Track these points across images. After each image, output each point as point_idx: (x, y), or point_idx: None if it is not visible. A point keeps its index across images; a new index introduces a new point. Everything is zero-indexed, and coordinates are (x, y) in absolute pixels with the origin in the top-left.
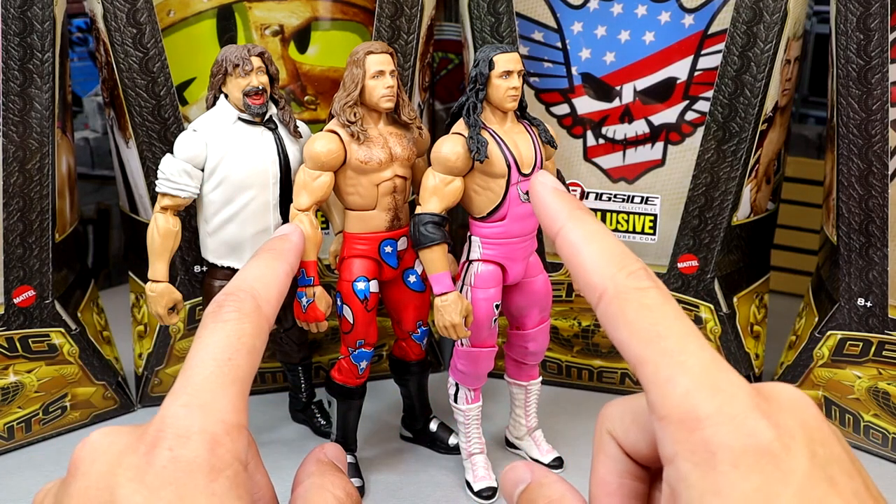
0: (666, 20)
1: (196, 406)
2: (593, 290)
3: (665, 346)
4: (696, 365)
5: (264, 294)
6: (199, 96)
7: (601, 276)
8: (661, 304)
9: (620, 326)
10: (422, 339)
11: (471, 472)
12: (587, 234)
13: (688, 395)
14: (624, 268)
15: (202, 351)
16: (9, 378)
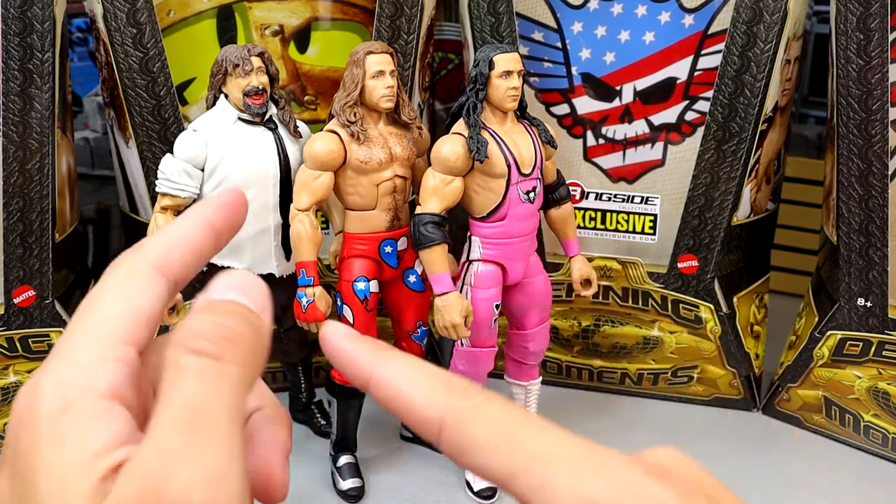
0: (666, 20)
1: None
2: (430, 425)
3: (529, 449)
4: (568, 452)
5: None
6: (199, 96)
7: (433, 407)
8: (504, 413)
9: (475, 452)
10: (422, 339)
11: (471, 472)
12: (401, 367)
13: (575, 485)
14: (452, 390)
15: None
16: (9, 378)
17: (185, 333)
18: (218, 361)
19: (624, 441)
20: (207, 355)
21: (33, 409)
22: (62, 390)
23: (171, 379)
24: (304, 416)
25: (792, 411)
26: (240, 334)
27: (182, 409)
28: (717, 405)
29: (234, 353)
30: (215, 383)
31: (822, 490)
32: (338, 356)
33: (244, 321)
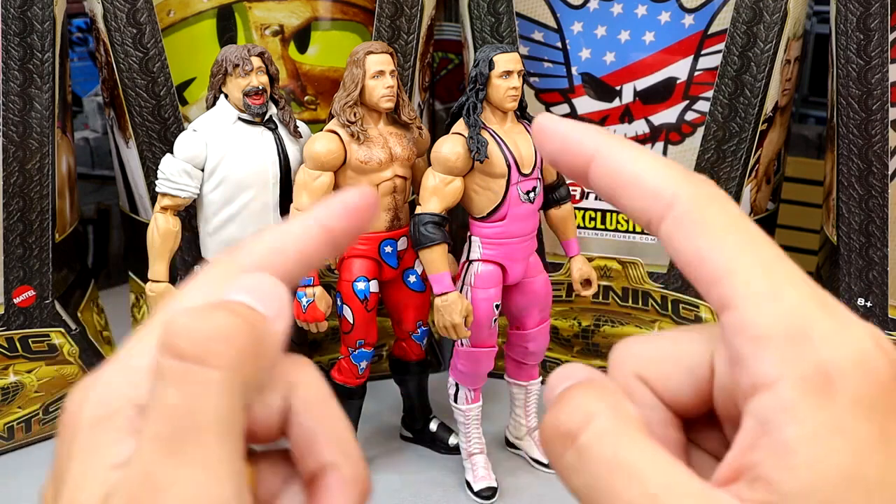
0: (666, 20)
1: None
2: (658, 197)
3: (764, 256)
4: (802, 281)
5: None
6: (199, 96)
7: (669, 182)
8: (746, 217)
9: (700, 234)
10: (422, 339)
11: (471, 472)
12: (632, 144)
13: (798, 307)
14: (690, 174)
15: None
16: (9, 378)
17: (165, 333)
18: (200, 365)
19: None
20: (188, 358)
21: (78, 414)
22: (108, 397)
23: (153, 388)
24: None
25: None
26: (232, 334)
27: (162, 424)
28: None
29: (221, 356)
30: (197, 391)
31: None
32: (555, 139)
33: (241, 321)
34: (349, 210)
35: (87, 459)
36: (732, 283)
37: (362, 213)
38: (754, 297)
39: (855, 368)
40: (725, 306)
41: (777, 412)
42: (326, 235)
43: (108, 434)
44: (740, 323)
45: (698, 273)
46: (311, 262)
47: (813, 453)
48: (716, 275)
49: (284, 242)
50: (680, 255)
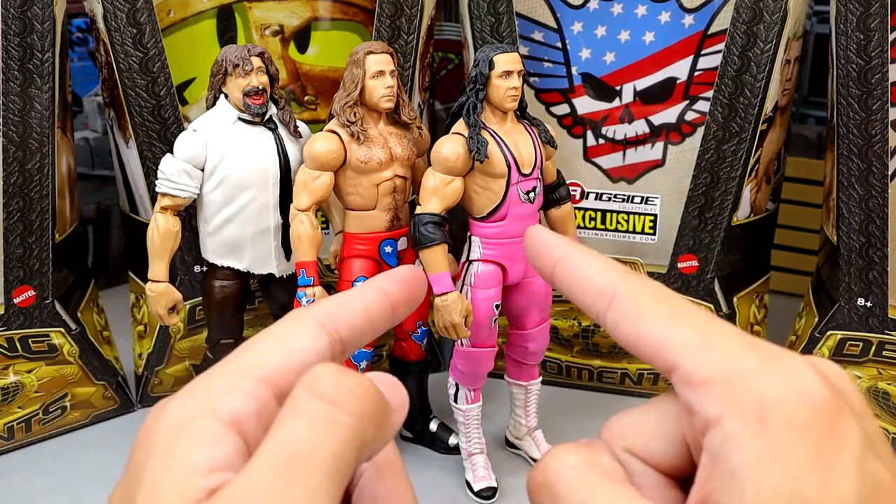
0: (666, 20)
1: None
2: (602, 293)
3: (691, 320)
4: (728, 331)
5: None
6: (199, 96)
7: (609, 279)
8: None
9: (638, 317)
10: (422, 339)
11: (471, 472)
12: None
13: (728, 353)
14: (629, 272)
15: None
16: (9, 378)
17: (311, 375)
18: (334, 407)
19: None
20: (325, 399)
21: (157, 422)
22: (186, 407)
23: (283, 415)
24: None
25: None
26: (367, 397)
27: (282, 448)
28: None
29: (354, 406)
30: (324, 429)
31: None
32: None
33: (376, 391)
34: (402, 280)
35: (165, 462)
36: (670, 347)
37: (414, 284)
38: (690, 353)
39: (786, 395)
40: (670, 369)
41: (723, 443)
42: (386, 299)
43: (187, 438)
44: (685, 378)
45: (643, 350)
46: (375, 321)
47: (755, 476)
48: (656, 346)
49: (352, 300)
50: (625, 338)
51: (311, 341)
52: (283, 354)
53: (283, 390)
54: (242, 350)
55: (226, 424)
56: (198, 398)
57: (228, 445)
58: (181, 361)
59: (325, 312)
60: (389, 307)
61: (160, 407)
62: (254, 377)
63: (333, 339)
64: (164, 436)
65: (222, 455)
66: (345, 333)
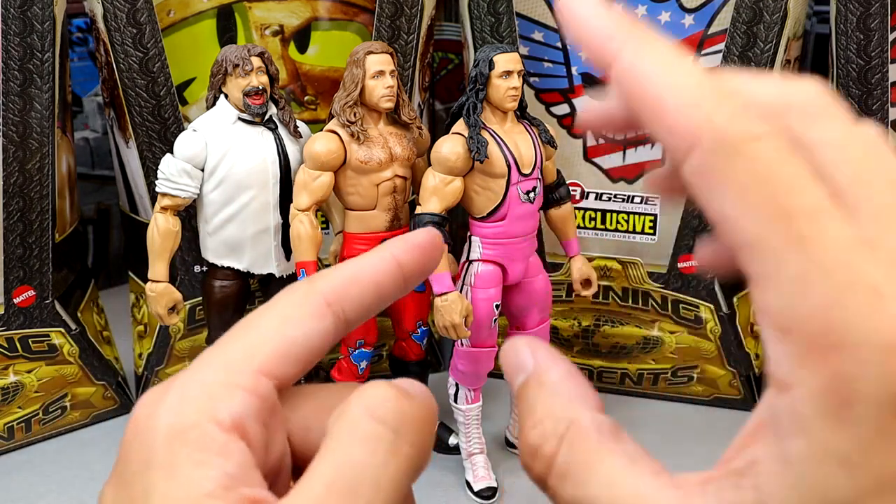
0: (666, 20)
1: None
2: (679, 140)
3: (795, 229)
4: (846, 263)
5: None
6: (199, 96)
7: (693, 116)
8: (785, 162)
9: (724, 191)
10: (422, 339)
11: (471, 472)
12: (665, 57)
13: (829, 307)
14: (725, 103)
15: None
16: (9, 378)
17: (371, 397)
18: (396, 437)
19: None
20: (388, 426)
21: (151, 426)
22: (183, 410)
23: (342, 436)
24: None
25: None
26: (423, 424)
27: (343, 472)
28: (717, 405)
29: (413, 436)
30: (385, 457)
31: None
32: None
33: (428, 415)
34: (417, 246)
35: (171, 483)
36: (758, 259)
37: (429, 250)
38: (778, 283)
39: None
40: (751, 279)
41: (789, 420)
42: (398, 269)
43: (191, 453)
44: (763, 304)
45: (724, 233)
46: (384, 293)
47: (812, 478)
48: (741, 242)
49: (360, 273)
50: (703, 208)
51: (315, 324)
52: (283, 341)
53: (283, 380)
54: (240, 333)
55: (228, 431)
56: (194, 400)
57: (235, 458)
58: (181, 361)
59: (331, 289)
60: (401, 279)
61: (150, 406)
62: (252, 370)
63: (339, 320)
64: (163, 447)
65: (232, 471)
66: (352, 312)
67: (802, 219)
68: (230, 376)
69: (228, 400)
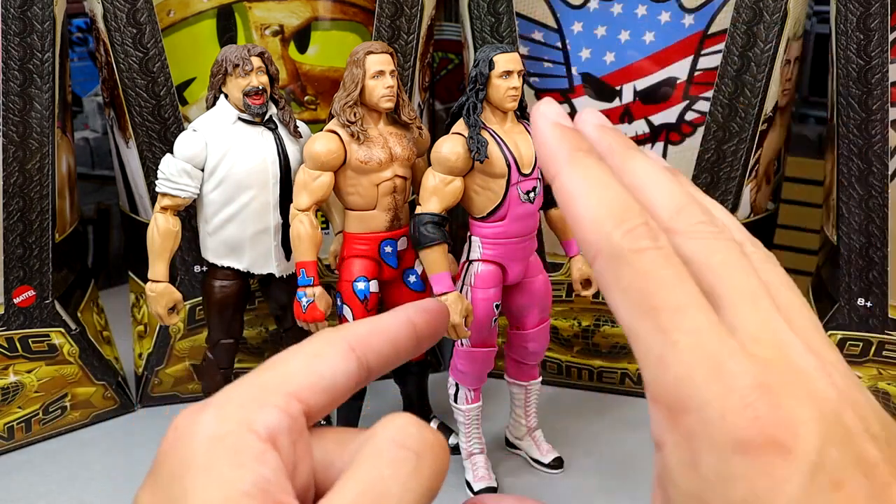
0: (666, 20)
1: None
2: (588, 249)
3: (658, 322)
4: (693, 345)
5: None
6: (199, 96)
7: (597, 233)
8: (658, 269)
9: (614, 294)
10: None
11: (471, 472)
12: (587, 181)
13: (679, 381)
14: (622, 223)
15: None
16: (9, 378)
17: (396, 426)
18: (418, 458)
19: (624, 441)
20: (412, 451)
21: (191, 432)
22: (221, 419)
23: (369, 459)
24: None
25: None
26: (440, 451)
27: (370, 488)
28: None
29: (433, 461)
30: (408, 477)
31: None
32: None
33: (444, 444)
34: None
35: (210, 481)
36: (636, 347)
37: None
38: (647, 365)
39: (720, 436)
40: (636, 359)
41: (664, 472)
42: (412, 329)
43: (229, 456)
44: (644, 379)
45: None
46: (400, 348)
47: None
48: (626, 334)
49: (381, 327)
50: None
51: (341, 363)
52: (314, 373)
53: (311, 409)
54: (272, 364)
55: (264, 441)
56: (232, 412)
57: (271, 465)
58: (181, 361)
59: (355, 336)
60: (415, 338)
61: (190, 416)
62: (284, 392)
63: (361, 364)
64: (202, 450)
65: (268, 475)
66: (373, 360)
67: (666, 313)
68: (264, 395)
69: (264, 414)
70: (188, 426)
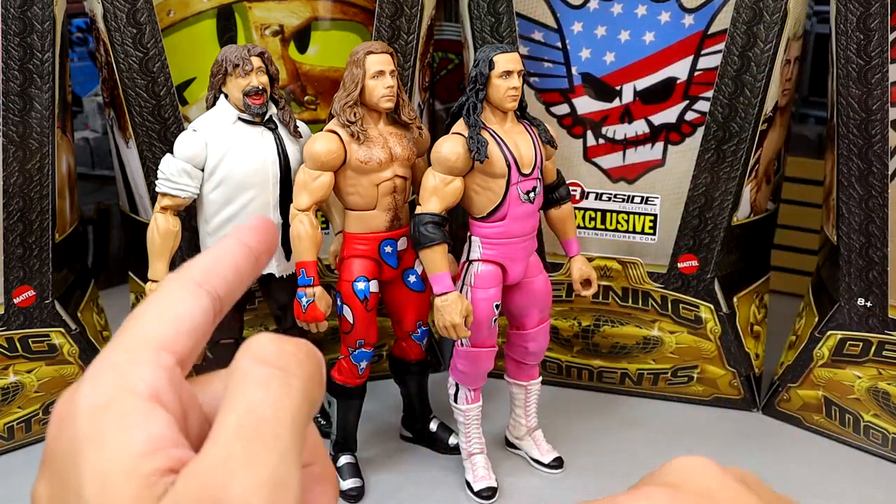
0: (666, 20)
1: None
2: None
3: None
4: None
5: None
6: (199, 96)
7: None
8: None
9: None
10: (422, 339)
11: (471, 472)
12: None
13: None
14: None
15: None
16: (9, 378)
17: (254, 346)
18: (284, 373)
19: (624, 441)
20: (275, 366)
21: (72, 409)
22: (100, 388)
23: (237, 386)
24: None
25: (792, 411)
26: (310, 358)
27: (246, 416)
28: (717, 405)
29: (300, 370)
30: (281, 393)
31: (822, 490)
32: None
33: (308, 349)
34: (255, 229)
35: (101, 450)
36: None
37: (267, 232)
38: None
39: None
40: None
41: None
42: (249, 251)
43: (114, 420)
44: None
45: None
46: (243, 275)
47: None
48: None
49: (220, 256)
50: None
51: (195, 302)
52: (172, 318)
53: (181, 355)
54: (131, 324)
55: (147, 399)
56: (108, 379)
57: (160, 420)
58: None
59: (199, 272)
60: (252, 257)
61: (68, 397)
62: (152, 346)
63: (213, 297)
64: (87, 423)
65: (159, 432)
66: (221, 290)
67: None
68: (134, 355)
69: (139, 373)
70: (68, 407)
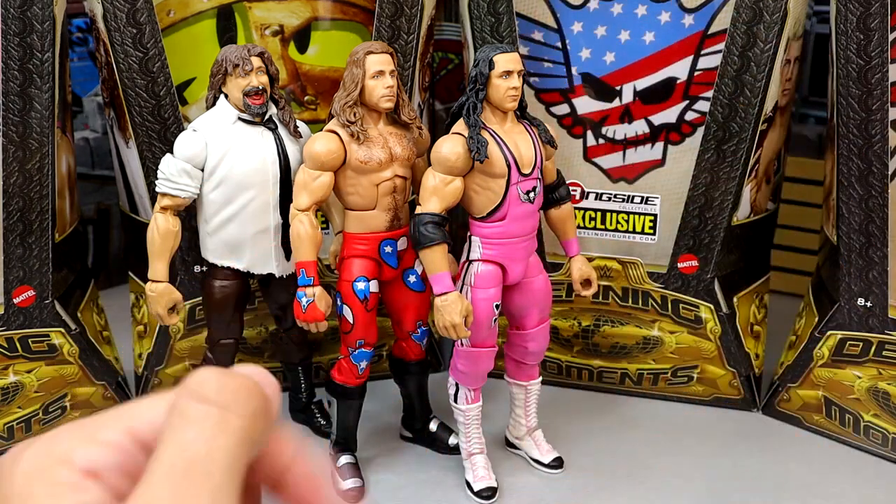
0: (666, 20)
1: None
2: None
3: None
4: None
5: None
6: (199, 96)
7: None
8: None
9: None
10: (422, 339)
11: (471, 472)
12: None
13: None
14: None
15: None
16: (9, 378)
17: (192, 382)
18: (222, 410)
19: (624, 441)
20: (213, 403)
21: (11, 470)
22: (40, 457)
23: (172, 425)
24: (303, 416)
25: (792, 411)
26: (252, 393)
27: (177, 457)
28: (717, 405)
29: (241, 407)
30: (215, 432)
31: (822, 490)
32: None
33: (258, 386)
34: None
35: None
36: None
37: None
38: None
39: None
40: None
41: None
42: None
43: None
44: None
45: None
46: None
47: None
48: None
49: None
50: None
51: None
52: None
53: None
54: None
55: (83, 474)
56: (53, 449)
57: (90, 493)
58: (181, 361)
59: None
60: None
61: (13, 454)
62: (119, 429)
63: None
64: (20, 486)
65: (86, 501)
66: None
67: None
68: (94, 432)
69: (85, 449)
70: (10, 464)
